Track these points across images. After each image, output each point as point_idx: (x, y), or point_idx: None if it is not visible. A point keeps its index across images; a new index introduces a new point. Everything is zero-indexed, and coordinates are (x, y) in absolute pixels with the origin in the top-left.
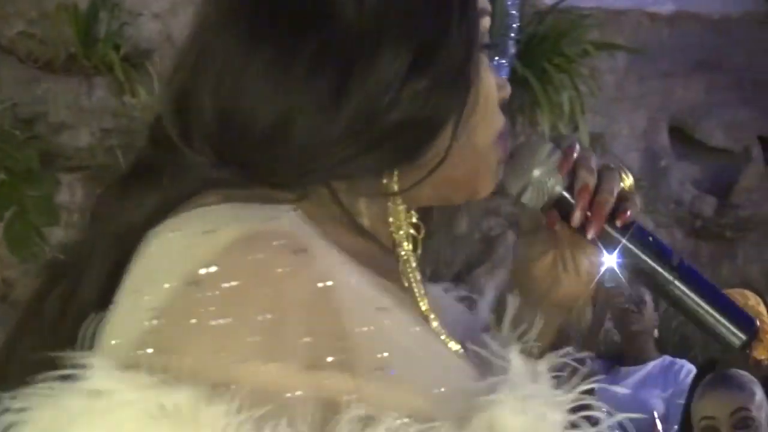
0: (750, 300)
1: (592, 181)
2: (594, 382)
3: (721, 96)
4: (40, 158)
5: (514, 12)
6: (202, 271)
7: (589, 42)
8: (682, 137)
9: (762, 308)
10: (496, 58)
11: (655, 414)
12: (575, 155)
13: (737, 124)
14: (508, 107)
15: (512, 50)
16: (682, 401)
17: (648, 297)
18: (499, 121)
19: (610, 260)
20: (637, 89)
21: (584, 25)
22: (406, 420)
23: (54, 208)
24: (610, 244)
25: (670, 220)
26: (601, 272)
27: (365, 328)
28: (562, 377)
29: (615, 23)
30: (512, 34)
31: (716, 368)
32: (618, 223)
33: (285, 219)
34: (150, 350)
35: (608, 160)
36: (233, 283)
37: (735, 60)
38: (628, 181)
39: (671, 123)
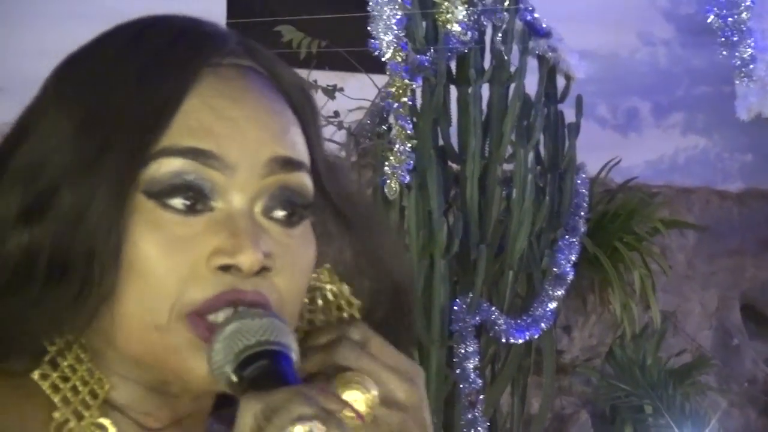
0: None
1: None
2: None
3: None
4: None
5: (584, 191)
6: None
7: (659, 220)
8: (754, 315)
9: None
10: (566, 236)
11: None
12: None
13: None
14: (578, 285)
15: (582, 229)
16: None
17: None
18: (195, 295)
19: None
20: (707, 267)
21: (654, 203)
22: None
23: None
24: None
25: (743, 399)
26: None
27: None
28: None
29: (684, 201)
30: (582, 213)
31: None
32: None
33: None
34: None
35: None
36: None
37: None
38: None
39: (743, 301)
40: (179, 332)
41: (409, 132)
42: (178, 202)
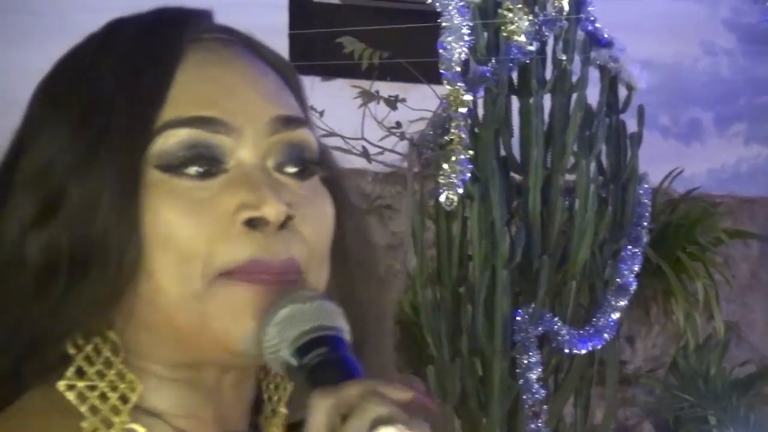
0: None
1: None
2: None
3: None
4: None
5: (646, 201)
6: None
7: (722, 230)
8: None
9: None
10: (629, 247)
11: None
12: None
13: None
14: (641, 295)
15: (645, 239)
16: None
17: None
18: (224, 256)
19: None
20: None
21: (717, 213)
22: None
23: None
24: None
25: None
26: None
27: None
28: None
29: (747, 211)
30: (645, 223)
31: None
32: None
33: None
34: None
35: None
36: None
37: None
38: None
39: None
40: (218, 294)
41: (466, 142)
42: (192, 169)
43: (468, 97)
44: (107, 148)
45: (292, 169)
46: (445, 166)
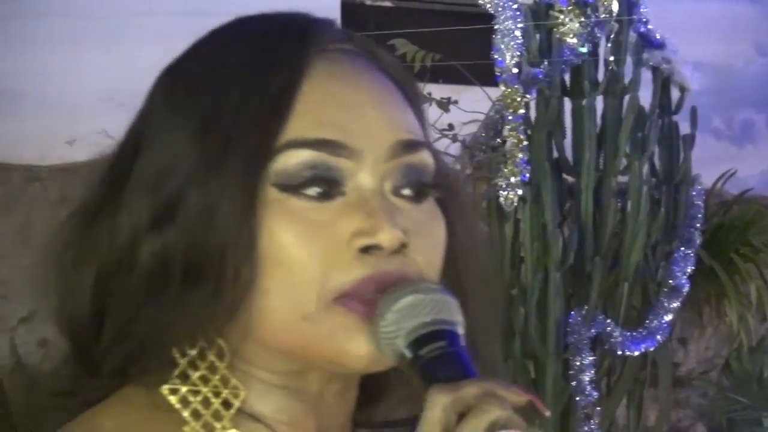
0: None
1: None
2: None
3: None
4: None
5: (699, 202)
6: None
7: None
8: None
9: None
10: (681, 248)
11: None
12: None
13: None
14: (694, 297)
15: (698, 241)
16: None
17: None
18: (340, 279)
19: None
20: None
21: None
22: None
23: None
24: None
25: None
26: None
27: None
28: None
29: None
30: (697, 225)
31: None
32: None
33: None
34: None
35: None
36: None
37: None
38: None
39: None
40: (331, 318)
41: (524, 144)
42: (310, 190)
43: (524, 99)
44: (228, 160)
45: (408, 192)
46: (505, 168)
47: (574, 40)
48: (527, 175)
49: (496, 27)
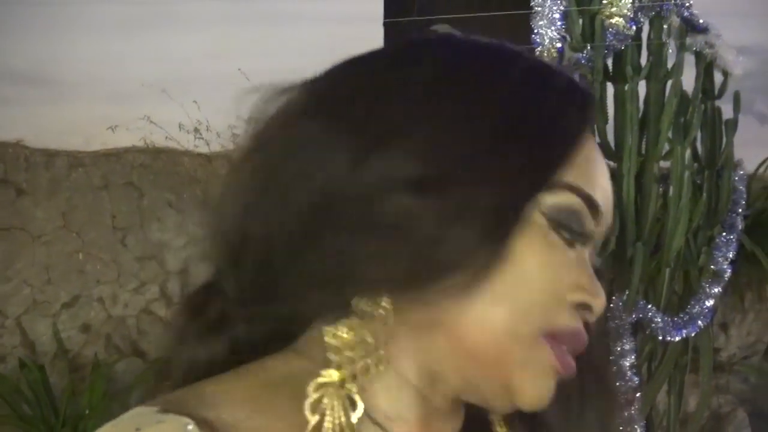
0: None
1: None
2: None
3: None
4: None
5: (741, 187)
6: None
7: None
8: None
9: None
10: (723, 234)
11: None
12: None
13: None
14: (736, 282)
15: (740, 226)
16: None
17: None
18: (558, 319)
19: None
20: None
21: None
22: None
23: None
24: None
25: None
26: None
27: None
28: None
29: None
30: (740, 210)
31: None
32: None
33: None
34: None
35: None
36: None
37: None
38: None
39: None
40: (538, 349)
41: None
42: (565, 233)
43: None
44: (516, 165)
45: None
46: None
47: (622, 22)
48: None
49: (535, 10)
